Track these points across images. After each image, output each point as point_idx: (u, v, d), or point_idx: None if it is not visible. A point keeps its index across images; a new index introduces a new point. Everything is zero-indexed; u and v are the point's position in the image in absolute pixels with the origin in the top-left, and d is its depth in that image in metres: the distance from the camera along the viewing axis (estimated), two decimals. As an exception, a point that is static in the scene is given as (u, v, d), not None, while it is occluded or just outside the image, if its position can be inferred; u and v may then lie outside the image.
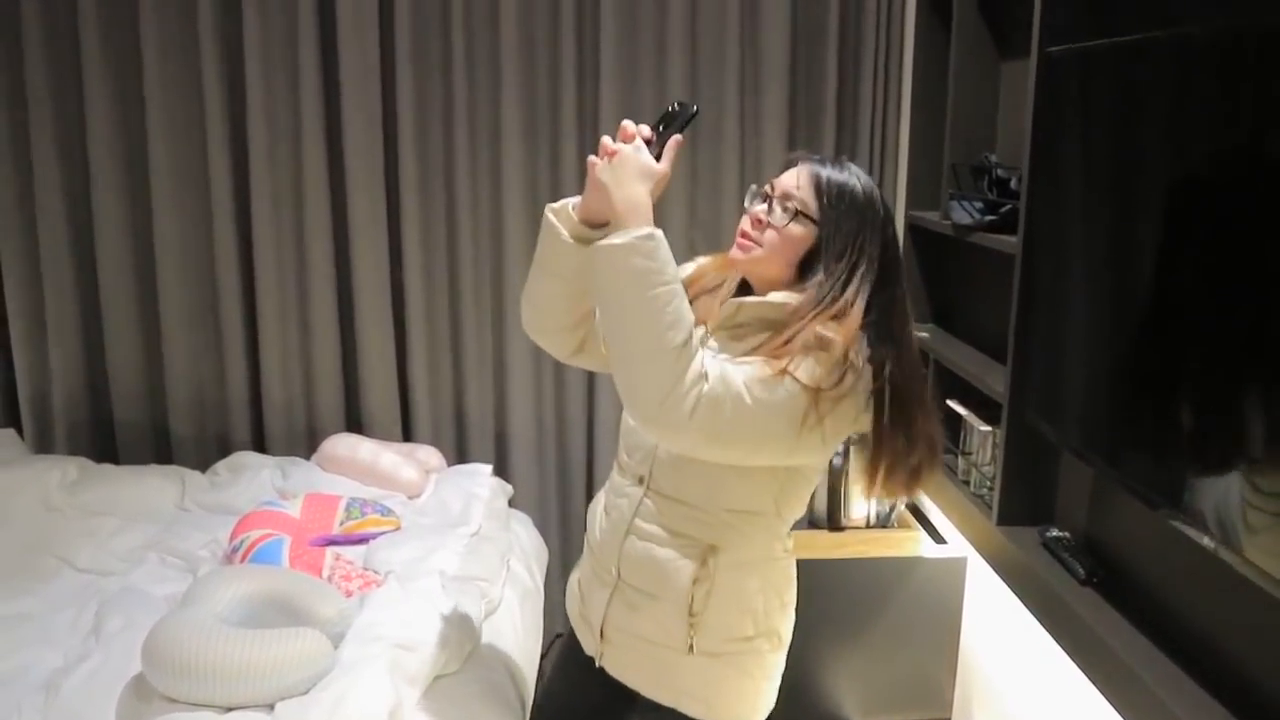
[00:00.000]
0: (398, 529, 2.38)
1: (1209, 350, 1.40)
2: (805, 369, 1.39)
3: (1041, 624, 1.87)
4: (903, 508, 2.41)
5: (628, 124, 1.43)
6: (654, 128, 1.45)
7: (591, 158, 1.42)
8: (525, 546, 2.57)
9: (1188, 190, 1.44)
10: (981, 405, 2.28)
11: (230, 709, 1.65)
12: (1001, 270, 2.17)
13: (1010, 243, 2.02)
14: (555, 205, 1.52)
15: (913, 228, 2.74)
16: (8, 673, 1.85)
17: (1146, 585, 1.72)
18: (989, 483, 2.19)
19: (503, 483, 2.77)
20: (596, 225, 1.48)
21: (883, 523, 2.37)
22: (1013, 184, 2.17)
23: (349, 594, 2.03)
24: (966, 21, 2.41)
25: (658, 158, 1.42)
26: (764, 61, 2.85)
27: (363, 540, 2.32)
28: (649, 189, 1.40)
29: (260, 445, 3.05)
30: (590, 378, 3.04)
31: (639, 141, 1.42)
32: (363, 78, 2.82)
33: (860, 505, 2.34)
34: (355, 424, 3.04)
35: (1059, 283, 1.83)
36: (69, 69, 2.84)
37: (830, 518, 2.33)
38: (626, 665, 1.60)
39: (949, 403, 2.41)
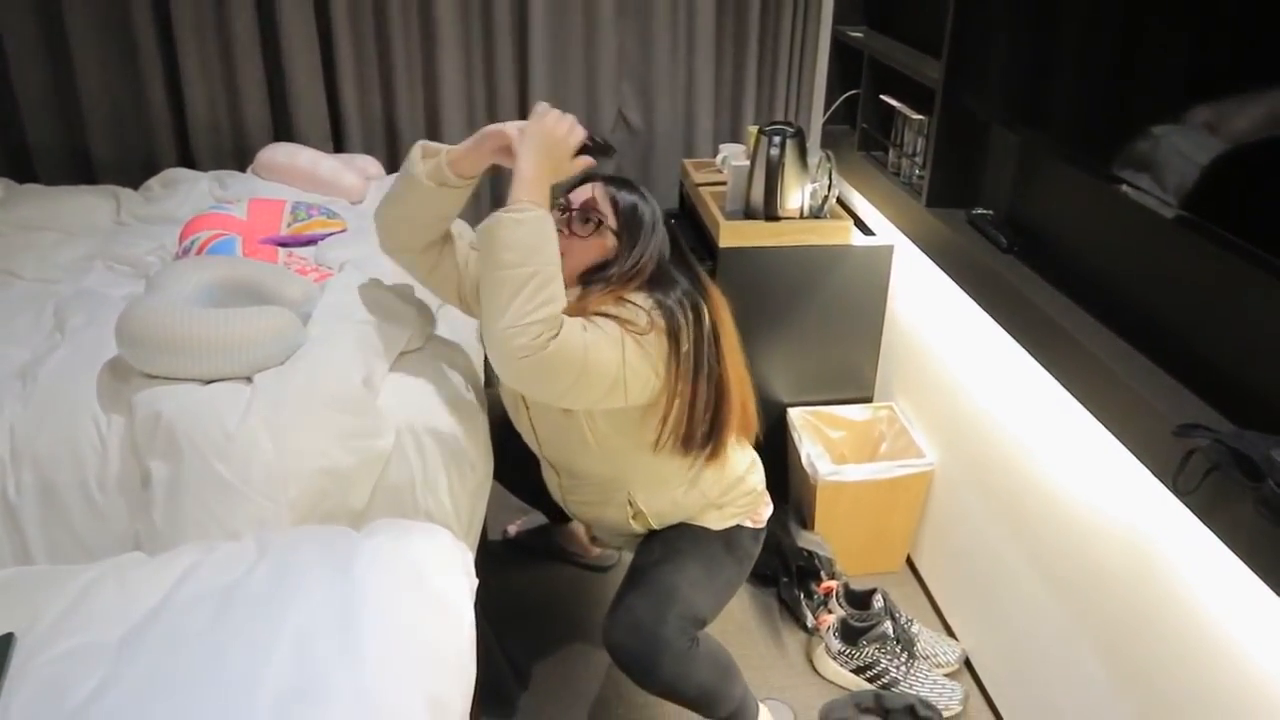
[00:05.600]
0: (344, 230, 2.41)
1: (1130, 30, 1.47)
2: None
3: (965, 291, 2.02)
4: (834, 201, 2.51)
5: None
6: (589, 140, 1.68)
7: (514, 128, 1.64)
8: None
9: None
10: (911, 99, 2.35)
11: (210, 381, 1.73)
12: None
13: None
14: (422, 146, 1.75)
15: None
16: (-24, 367, 1.88)
17: (1063, 249, 1.87)
18: (919, 171, 2.30)
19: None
20: (466, 176, 1.73)
21: (815, 214, 2.47)
22: None
23: (306, 286, 2.09)
24: None
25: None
26: None
27: (311, 241, 2.35)
28: (557, 172, 1.64)
29: (188, 164, 3.00)
30: (522, 87, 3.02)
31: (579, 129, 1.64)
32: None
33: (795, 196, 2.43)
34: (285, 139, 2.99)
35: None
36: None
37: (766, 207, 2.42)
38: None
39: (882, 97, 2.48)
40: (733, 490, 1.90)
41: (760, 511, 1.97)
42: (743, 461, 1.93)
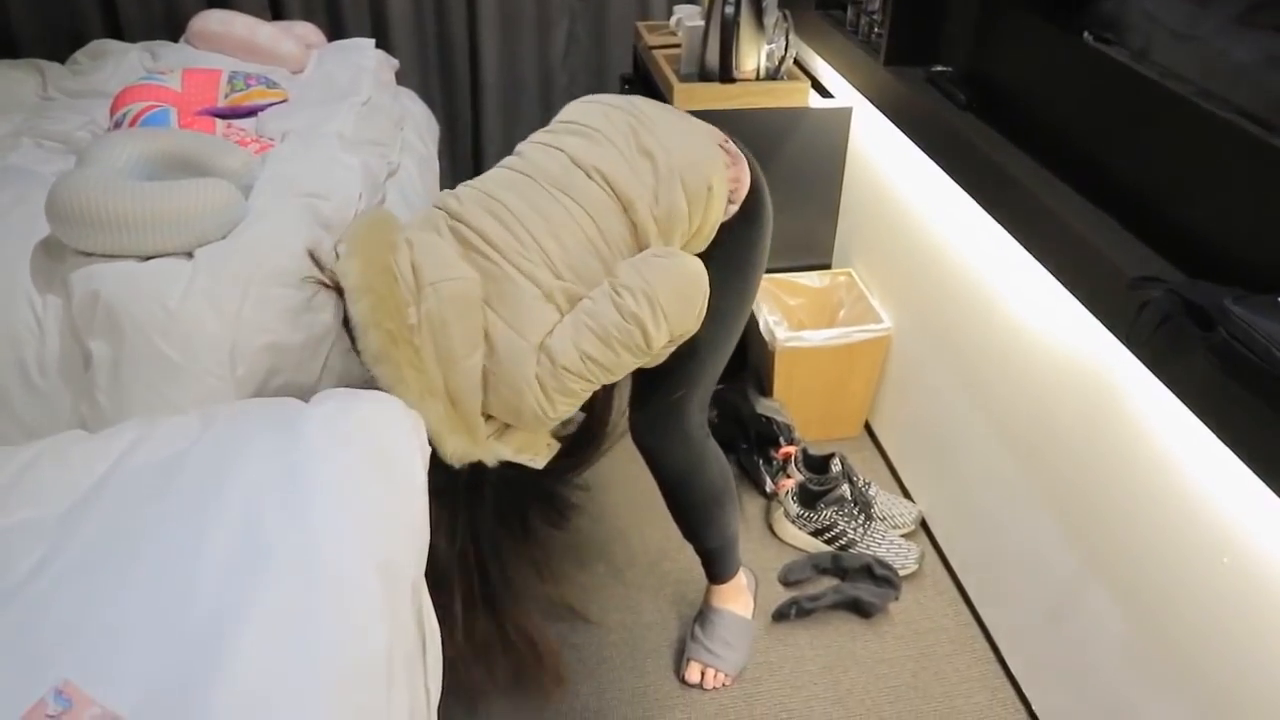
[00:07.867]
0: (285, 100, 2.32)
1: None
2: None
3: (923, 150, 1.98)
4: (792, 62, 2.44)
5: None
6: None
7: None
8: (416, 117, 2.55)
9: None
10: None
11: (149, 257, 1.67)
12: None
13: None
14: None
15: None
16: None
17: (1021, 104, 1.83)
18: (877, 28, 2.23)
19: (388, 56, 2.69)
20: None
21: (772, 75, 2.40)
22: None
23: (246, 158, 2.01)
24: None
25: None
26: None
27: (251, 112, 2.26)
28: None
29: (115, 36, 2.87)
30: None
31: None
32: None
33: (751, 57, 2.36)
34: (219, 6, 2.85)
35: None
36: None
37: (721, 69, 2.35)
38: None
39: (839, -50, 2.39)
40: None
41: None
42: None
